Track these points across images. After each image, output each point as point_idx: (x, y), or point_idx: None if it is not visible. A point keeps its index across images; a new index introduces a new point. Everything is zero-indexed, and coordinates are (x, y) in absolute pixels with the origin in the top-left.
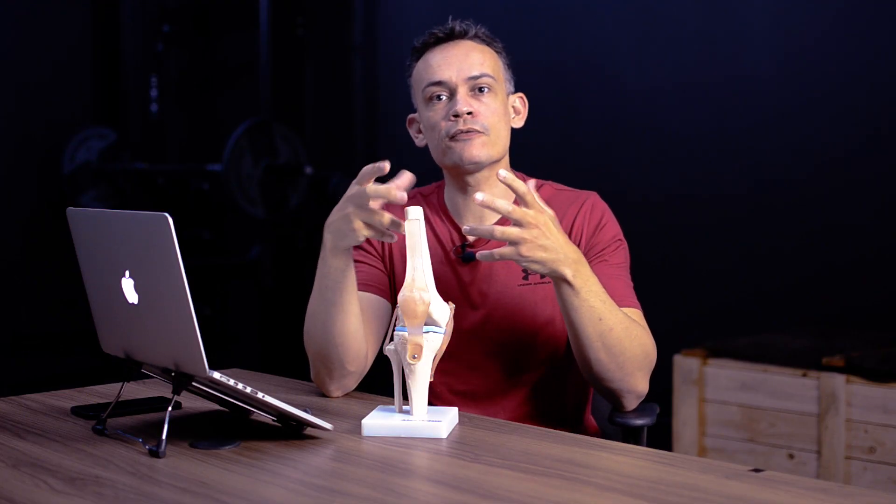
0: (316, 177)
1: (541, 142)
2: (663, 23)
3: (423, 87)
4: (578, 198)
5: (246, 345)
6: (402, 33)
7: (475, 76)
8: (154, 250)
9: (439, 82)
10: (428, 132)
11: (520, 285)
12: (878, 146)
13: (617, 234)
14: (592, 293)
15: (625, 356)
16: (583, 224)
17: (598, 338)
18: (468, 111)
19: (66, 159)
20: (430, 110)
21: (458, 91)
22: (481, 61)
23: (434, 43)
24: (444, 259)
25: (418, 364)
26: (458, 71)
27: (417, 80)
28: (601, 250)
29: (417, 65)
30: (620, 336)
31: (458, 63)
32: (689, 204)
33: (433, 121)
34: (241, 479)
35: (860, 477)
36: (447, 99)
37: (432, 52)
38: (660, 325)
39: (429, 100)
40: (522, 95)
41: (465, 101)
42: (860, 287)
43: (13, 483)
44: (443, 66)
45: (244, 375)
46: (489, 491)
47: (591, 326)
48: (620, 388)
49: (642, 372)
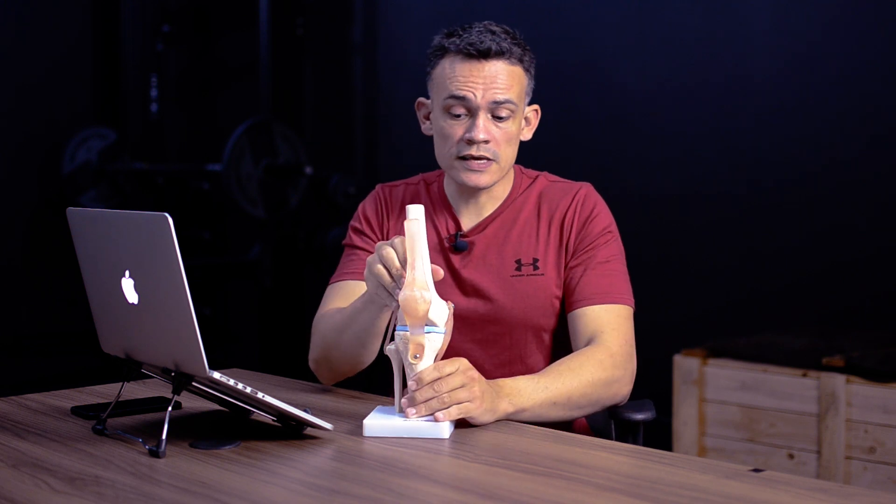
0: (316, 177)
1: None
2: (663, 23)
3: (444, 94)
4: (571, 189)
5: (246, 345)
6: (402, 33)
7: (498, 101)
8: (154, 250)
9: (462, 98)
10: (438, 138)
11: (512, 275)
12: (879, 146)
13: (608, 226)
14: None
15: (594, 401)
16: (574, 216)
17: (565, 412)
18: (485, 140)
19: (66, 159)
20: (446, 122)
21: (478, 115)
22: (508, 85)
23: (466, 55)
24: (437, 247)
25: (420, 364)
26: (484, 93)
27: (439, 80)
28: (591, 243)
29: (442, 63)
30: (582, 392)
31: (485, 85)
32: (688, 204)
33: (447, 132)
34: (241, 479)
35: (860, 477)
36: (465, 118)
37: (461, 64)
38: (660, 325)
39: (447, 110)
40: (537, 108)
41: (483, 129)
42: (860, 287)
43: (13, 483)
44: (470, 83)
45: (244, 375)
46: (489, 491)
47: (552, 414)
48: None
49: (616, 396)
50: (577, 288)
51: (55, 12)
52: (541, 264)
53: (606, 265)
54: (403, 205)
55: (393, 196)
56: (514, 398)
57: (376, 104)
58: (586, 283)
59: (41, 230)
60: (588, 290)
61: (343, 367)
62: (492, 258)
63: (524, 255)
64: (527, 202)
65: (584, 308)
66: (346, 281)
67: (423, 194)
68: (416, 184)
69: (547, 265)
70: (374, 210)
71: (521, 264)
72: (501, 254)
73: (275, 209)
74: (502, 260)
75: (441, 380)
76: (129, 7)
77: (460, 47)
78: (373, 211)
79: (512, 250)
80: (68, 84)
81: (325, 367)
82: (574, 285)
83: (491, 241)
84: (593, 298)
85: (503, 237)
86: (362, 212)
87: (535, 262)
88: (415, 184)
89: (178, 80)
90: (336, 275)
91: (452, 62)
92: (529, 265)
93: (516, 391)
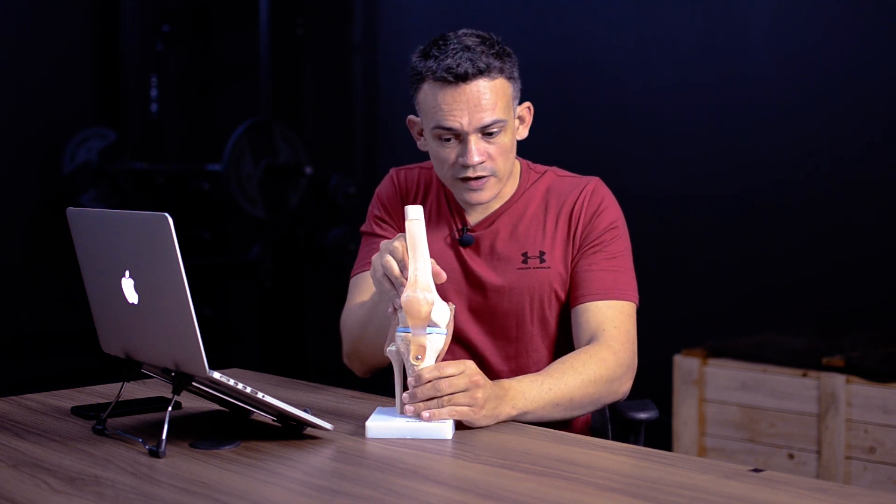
0: (316, 177)
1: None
2: (663, 23)
3: (431, 124)
4: (580, 183)
5: (246, 345)
6: (402, 33)
7: (486, 124)
8: (154, 250)
9: (449, 129)
10: (435, 161)
11: (518, 269)
12: (879, 146)
13: (615, 221)
14: (535, 398)
15: (595, 400)
16: (581, 209)
17: (566, 412)
18: (480, 161)
19: (66, 159)
20: (439, 147)
21: (468, 140)
22: (493, 104)
23: (444, 82)
24: (446, 239)
25: (422, 365)
26: (470, 120)
27: (424, 107)
28: (597, 238)
29: (424, 89)
30: (584, 392)
31: (470, 111)
32: (688, 204)
33: (441, 156)
34: (241, 479)
35: (860, 477)
36: (456, 142)
37: (442, 91)
38: (660, 325)
39: (437, 137)
40: (529, 105)
41: (476, 152)
42: (860, 287)
43: (13, 483)
44: (455, 111)
45: (244, 375)
46: (489, 491)
47: (554, 414)
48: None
49: (617, 394)
50: (582, 283)
51: (55, 12)
52: (547, 257)
53: (613, 261)
54: (418, 188)
55: (409, 179)
56: (518, 402)
57: (376, 104)
58: (591, 278)
59: (41, 230)
60: (593, 286)
61: (373, 360)
62: (499, 251)
63: (531, 248)
64: (534, 196)
65: (588, 303)
66: (367, 272)
67: (435, 181)
68: (430, 169)
69: (554, 258)
70: (394, 193)
71: (527, 257)
72: (508, 247)
73: (275, 209)
74: (509, 253)
75: (445, 380)
76: (129, 7)
77: (437, 75)
78: (392, 194)
79: (519, 243)
80: (68, 84)
81: (356, 360)
82: (579, 280)
83: (498, 235)
84: (597, 294)
85: (510, 231)
86: (379, 197)
87: (541, 255)
88: (428, 168)
89: (178, 80)
90: (357, 265)
91: (433, 89)
92: (536, 258)
93: (521, 394)
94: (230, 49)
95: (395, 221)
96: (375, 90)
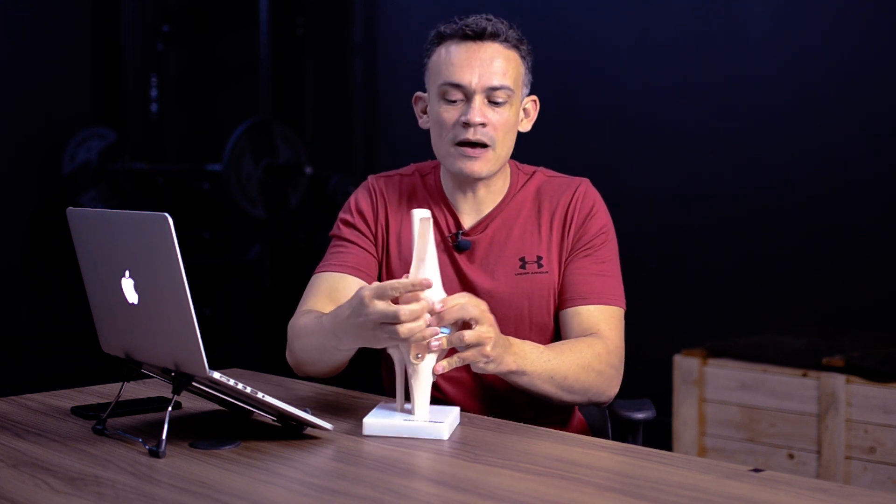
0: (316, 177)
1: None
2: (663, 23)
3: (439, 81)
4: (571, 184)
5: (246, 345)
6: (402, 33)
7: (494, 87)
8: (154, 250)
9: (457, 85)
10: (435, 126)
11: (517, 274)
12: (879, 146)
13: (605, 226)
14: (534, 361)
15: (584, 388)
16: (574, 212)
17: (556, 390)
18: (481, 122)
19: (66, 159)
20: (442, 108)
21: (474, 98)
22: (504, 70)
23: (461, 38)
24: (440, 245)
25: (422, 364)
26: (480, 77)
27: (435, 68)
28: (588, 241)
29: (439, 51)
30: (577, 375)
31: (481, 69)
32: (689, 204)
33: (443, 119)
34: (241, 479)
35: (860, 477)
36: (461, 102)
37: (457, 47)
38: (660, 325)
39: (442, 96)
40: (535, 99)
41: (479, 112)
42: (860, 287)
43: (13, 483)
44: (465, 68)
45: (244, 375)
46: (489, 491)
47: (545, 387)
48: (587, 402)
49: (602, 395)
50: (573, 286)
51: (55, 12)
52: (545, 262)
53: (602, 265)
54: (400, 196)
55: (388, 187)
56: (519, 359)
57: (376, 104)
58: (583, 282)
59: (41, 230)
60: (584, 290)
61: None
62: (495, 257)
63: (528, 253)
64: (526, 199)
65: (579, 307)
66: (330, 273)
67: (419, 187)
68: (411, 175)
69: (551, 263)
70: (369, 203)
71: (525, 262)
72: (504, 252)
73: (275, 209)
74: (506, 258)
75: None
76: (129, 7)
77: (456, 30)
78: (367, 204)
79: (515, 248)
80: (68, 84)
81: (300, 371)
82: (569, 283)
83: (493, 240)
84: (589, 298)
85: (505, 235)
86: (354, 204)
87: (538, 260)
88: (409, 175)
89: (178, 80)
90: (321, 265)
91: (448, 48)
92: (534, 263)
93: (523, 353)
94: (230, 49)
95: (369, 230)
96: (375, 90)
